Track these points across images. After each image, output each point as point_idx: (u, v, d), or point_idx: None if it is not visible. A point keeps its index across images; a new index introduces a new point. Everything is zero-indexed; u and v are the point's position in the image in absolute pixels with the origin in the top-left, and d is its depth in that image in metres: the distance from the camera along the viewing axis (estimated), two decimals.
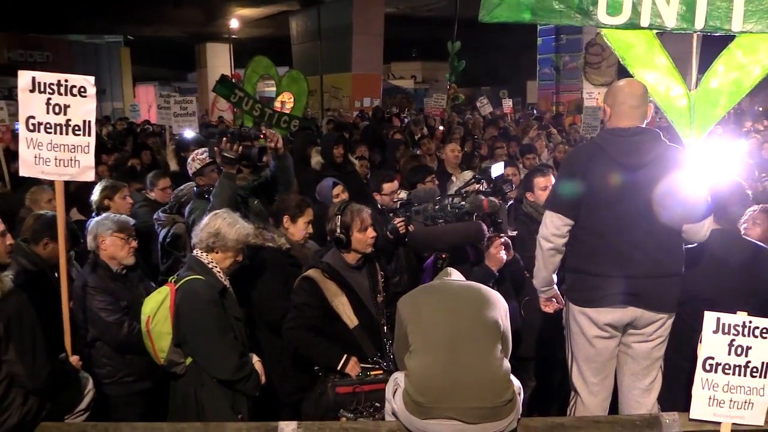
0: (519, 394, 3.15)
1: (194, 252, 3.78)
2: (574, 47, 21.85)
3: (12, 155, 7.63)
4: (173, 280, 3.71)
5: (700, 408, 3.12)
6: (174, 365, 3.65)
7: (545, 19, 4.04)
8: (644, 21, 3.92)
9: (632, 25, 3.93)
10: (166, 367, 3.69)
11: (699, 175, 3.46)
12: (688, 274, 3.50)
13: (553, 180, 4.67)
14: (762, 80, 4.01)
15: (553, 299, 3.77)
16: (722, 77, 3.98)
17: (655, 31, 4.01)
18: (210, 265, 3.69)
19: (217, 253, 3.71)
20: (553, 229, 3.51)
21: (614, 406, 3.71)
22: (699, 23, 3.87)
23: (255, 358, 3.75)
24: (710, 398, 3.10)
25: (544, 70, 24.44)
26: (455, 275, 3.55)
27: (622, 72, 4.49)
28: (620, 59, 4.11)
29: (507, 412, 3.01)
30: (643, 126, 3.45)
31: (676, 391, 3.66)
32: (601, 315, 3.46)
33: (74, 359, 3.72)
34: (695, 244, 3.60)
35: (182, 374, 3.67)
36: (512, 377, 3.14)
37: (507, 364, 3.15)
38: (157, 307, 3.61)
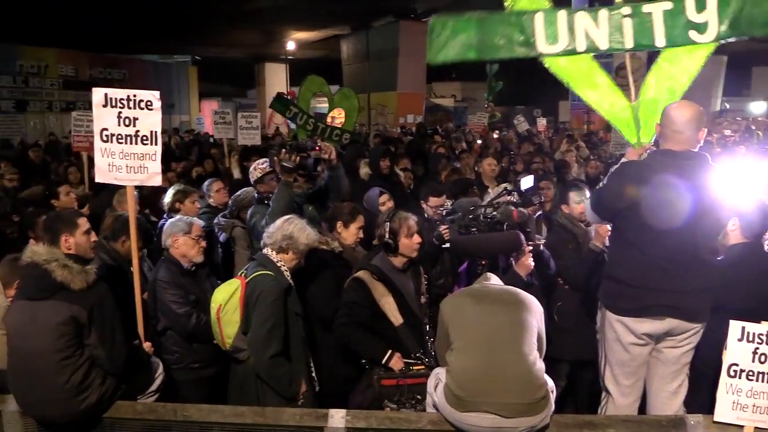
0: (552, 392, 3.11)
1: (264, 251, 3.85)
2: (604, 70, 21.45)
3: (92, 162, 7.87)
4: (243, 274, 3.79)
5: (724, 411, 3.05)
6: (238, 351, 3.72)
7: (490, 55, 3.99)
8: (580, 46, 3.91)
9: (571, 51, 3.93)
10: (231, 352, 3.75)
11: (725, 191, 3.39)
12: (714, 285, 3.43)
13: (587, 193, 4.63)
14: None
15: None
16: (656, 88, 3.99)
17: (592, 54, 4.01)
18: (279, 264, 3.77)
19: (287, 253, 3.79)
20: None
21: (641, 407, 3.65)
22: (629, 43, 3.89)
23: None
24: (734, 402, 3.03)
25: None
26: (494, 280, 3.53)
27: None
28: (565, 84, 4.09)
29: (541, 408, 2.99)
30: (695, 150, 3.33)
31: (700, 395, 3.59)
32: (639, 325, 3.38)
33: (147, 346, 3.81)
34: (721, 257, 3.54)
35: (244, 360, 3.73)
36: (546, 376, 3.11)
37: (541, 363, 3.12)
38: (228, 297, 3.69)
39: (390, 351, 3.70)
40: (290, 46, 29.99)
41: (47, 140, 16.56)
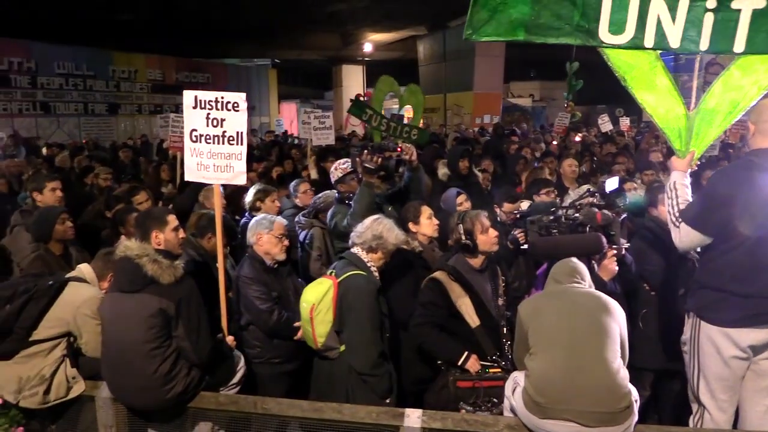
0: (636, 401, 3.00)
1: (353, 250, 3.89)
2: (691, 67, 20.51)
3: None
4: (333, 273, 3.84)
5: None
6: (330, 349, 3.76)
7: (542, 37, 3.57)
8: (648, 41, 3.47)
9: (635, 45, 3.48)
10: (322, 351, 3.79)
11: None
12: None
13: None
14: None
15: None
16: (719, 97, 3.57)
17: (658, 51, 3.56)
18: (368, 264, 3.82)
19: (376, 253, 3.84)
20: (689, 243, 3.34)
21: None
22: (704, 44, 3.44)
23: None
24: None
25: None
26: None
27: None
28: (621, 80, 3.65)
29: (624, 418, 2.89)
30: None
31: None
32: (744, 335, 3.24)
33: (230, 339, 3.93)
34: None
35: (334, 359, 3.76)
36: (630, 385, 3.01)
37: (625, 371, 3.02)
38: (320, 297, 3.72)
39: (466, 352, 3.68)
40: (367, 47, 30.23)
41: (135, 141, 17.35)
